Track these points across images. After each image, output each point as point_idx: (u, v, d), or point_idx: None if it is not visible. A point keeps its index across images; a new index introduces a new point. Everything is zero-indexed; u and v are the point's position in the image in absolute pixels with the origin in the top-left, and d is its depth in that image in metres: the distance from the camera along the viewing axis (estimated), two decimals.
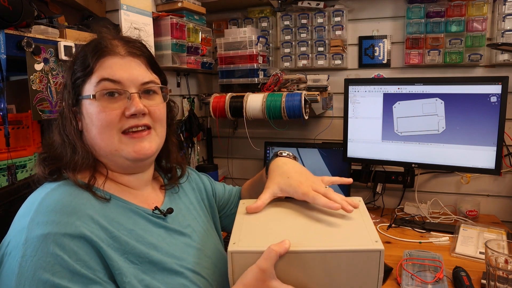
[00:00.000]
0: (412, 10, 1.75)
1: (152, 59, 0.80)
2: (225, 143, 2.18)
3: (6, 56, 0.97)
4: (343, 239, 0.72)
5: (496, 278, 0.98)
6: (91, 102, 0.72)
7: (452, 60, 1.72)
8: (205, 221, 0.94)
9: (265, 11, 1.99)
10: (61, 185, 0.69)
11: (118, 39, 0.77)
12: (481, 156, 1.50)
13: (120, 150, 0.72)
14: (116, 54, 0.74)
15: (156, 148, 0.77)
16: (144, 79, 0.75)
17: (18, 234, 0.62)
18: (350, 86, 1.72)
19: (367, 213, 0.81)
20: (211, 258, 0.85)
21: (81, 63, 0.73)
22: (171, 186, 0.90)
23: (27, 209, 0.65)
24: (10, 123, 1.10)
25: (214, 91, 2.14)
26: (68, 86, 0.75)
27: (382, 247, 0.69)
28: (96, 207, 0.68)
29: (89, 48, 0.74)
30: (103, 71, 0.72)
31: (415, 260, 1.21)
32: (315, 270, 0.70)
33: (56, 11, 1.35)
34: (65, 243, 0.60)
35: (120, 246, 0.67)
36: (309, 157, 1.88)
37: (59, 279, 0.58)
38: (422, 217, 1.67)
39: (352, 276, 0.70)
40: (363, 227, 0.76)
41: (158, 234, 0.76)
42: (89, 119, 0.72)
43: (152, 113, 0.76)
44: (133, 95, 0.73)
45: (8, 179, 1.11)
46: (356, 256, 0.69)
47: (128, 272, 0.66)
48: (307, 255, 0.69)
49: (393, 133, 1.65)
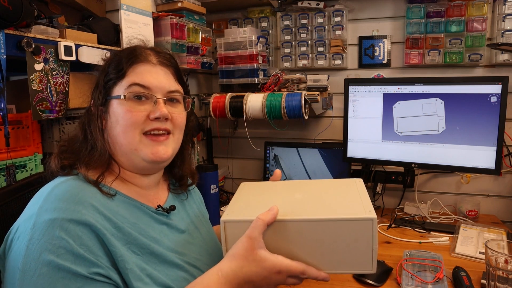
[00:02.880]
0: (412, 10, 1.75)
1: (178, 70, 0.87)
2: (225, 143, 2.18)
3: (6, 56, 0.97)
4: (335, 209, 0.72)
5: (496, 278, 0.98)
6: (120, 102, 0.76)
7: (452, 60, 1.72)
8: (207, 222, 0.98)
9: (265, 11, 1.99)
10: (71, 179, 0.72)
11: (151, 49, 0.84)
12: (481, 156, 1.50)
13: (139, 150, 0.76)
14: (148, 62, 0.80)
15: (171, 152, 0.81)
16: (170, 87, 0.81)
17: (27, 220, 0.66)
18: (350, 86, 1.72)
19: (365, 190, 0.81)
20: (212, 255, 0.88)
21: (115, 66, 0.79)
22: (180, 192, 0.94)
23: (37, 198, 0.69)
24: (10, 123, 1.10)
25: (214, 91, 2.14)
26: (100, 86, 0.80)
27: (375, 216, 0.68)
28: (101, 201, 0.71)
29: (124, 53, 0.80)
30: (134, 76, 0.78)
31: (415, 260, 1.21)
32: (306, 240, 0.69)
33: (56, 11, 1.35)
34: (70, 228, 0.63)
35: (123, 236, 0.70)
36: (309, 157, 1.88)
37: (62, 261, 0.62)
38: (422, 217, 1.67)
39: (344, 246, 0.69)
40: (357, 199, 0.76)
41: (160, 230, 0.79)
42: (115, 118, 0.77)
43: (174, 119, 0.81)
44: (159, 100, 0.78)
45: (6, 179, 1.11)
46: (348, 225, 0.68)
47: (130, 261, 0.68)
48: (297, 224, 0.69)
49: (393, 133, 1.65)
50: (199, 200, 1.02)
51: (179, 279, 0.75)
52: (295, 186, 0.86)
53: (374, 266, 0.71)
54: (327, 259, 0.71)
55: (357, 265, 0.71)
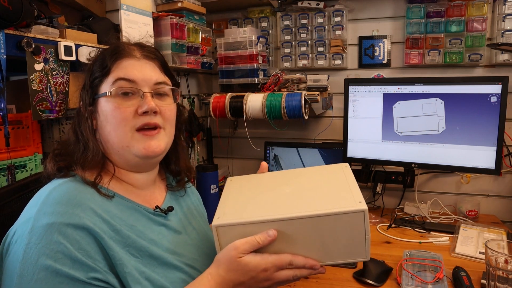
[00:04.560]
0: (412, 10, 1.75)
1: (164, 63, 0.85)
2: (225, 143, 2.18)
3: (6, 56, 0.97)
4: (326, 203, 0.71)
5: (496, 278, 0.98)
6: (107, 99, 0.76)
7: (452, 60, 1.72)
8: (205, 222, 0.98)
9: (265, 11, 1.99)
10: (68, 181, 0.72)
11: (135, 44, 0.83)
12: (481, 156, 1.50)
13: (131, 146, 0.76)
14: (132, 57, 0.79)
15: (164, 146, 0.80)
16: (157, 79, 0.79)
17: (25, 223, 0.65)
18: (350, 86, 1.72)
19: (353, 177, 0.80)
20: (209, 256, 0.87)
21: (100, 65, 0.78)
22: (178, 189, 0.93)
23: (35, 201, 0.68)
24: (10, 123, 1.10)
25: (214, 91, 2.14)
26: (86, 86, 0.79)
27: (366, 207, 0.69)
28: (99, 203, 0.71)
29: (107, 51, 0.80)
30: (119, 71, 0.77)
31: (415, 260, 1.21)
32: (299, 236, 0.70)
33: (56, 11, 1.35)
34: (68, 232, 0.63)
35: (121, 239, 0.70)
36: (309, 157, 1.88)
37: (60, 266, 0.61)
38: (422, 217, 1.67)
39: (338, 238, 0.70)
40: (347, 189, 0.75)
41: (158, 231, 0.79)
42: (104, 116, 0.76)
43: (163, 112, 0.79)
44: (146, 94, 0.77)
45: (8, 179, 1.11)
46: (340, 218, 0.68)
47: (129, 264, 0.68)
48: (289, 222, 0.69)
49: (393, 133, 1.65)
50: (197, 200, 1.01)
51: (177, 280, 0.75)
52: (283, 178, 0.85)
53: (368, 254, 0.72)
54: (321, 252, 0.71)
55: (352, 255, 0.72)
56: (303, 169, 0.90)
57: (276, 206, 0.72)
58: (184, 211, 0.91)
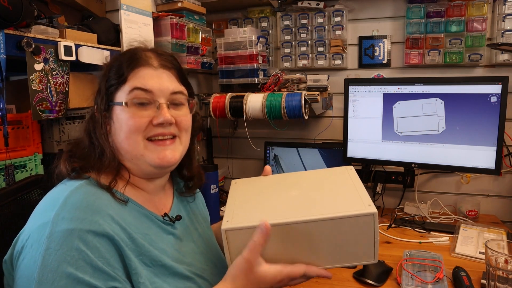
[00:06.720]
0: (412, 10, 1.75)
1: (181, 71, 0.84)
2: (225, 143, 2.18)
3: (6, 56, 0.97)
4: (335, 206, 0.71)
5: (496, 278, 0.98)
6: (122, 108, 0.75)
7: (452, 60, 1.71)
8: (209, 228, 0.98)
9: (265, 11, 1.99)
10: (84, 185, 0.71)
11: (152, 51, 0.81)
12: (481, 156, 1.50)
13: (145, 155, 0.75)
14: (149, 66, 0.78)
15: (179, 156, 0.80)
16: (174, 89, 0.79)
17: (41, 227, 0.63)
18: (350, 86, 1.72)
19: (358, 180, 0.80)
20: (215, 264, 0.87)
21: (116, 71, 0.77)
22: (189, 195, 0.93)
23: (50, 204, 0.67)
24: (10, 123, 1.10)
25: (214, 91, 2.14)
26: (102, 92, 0.78)
27: (375, 210, 0.68)
28: (116, 209, 0.70)
29: (124, 57, 0.79)
30: (136, 80, 0.76)
31: (415, 260, 1.21)
32: (308, 239, 0.69)
33: (56, 11, 1.35)
34: (89, 239, 0.62)
35: (136, 247, 0.69)
36: (309, 157, 1.88)
37: (82, 274, 0.60)
38: (422, 217, 1.67)
39: (346, 241, 0.69)
40: (354, 192, 0.75)
41: (168, 240, 0.79)
42: (118, 124, 0.75)
43: (179, 123, 0.79)
44: (162, 105, 0.76)
45: (5, 179, 1.10)
46: (349, 222, 0.68)
47: (143, 274, 0.68)
48: (299, 225, 0.68)
49: (393, 133, 1.65)
50: (201, 204, 1.01)
51: None
52: (288, 181, 0.85)
53: (376, 256, 0.72)
54: (329, 255, 0.71)
55: (360, 257, 0.72)
56: (307, 172, 0.90)
57: (284, 209, 0.72)
58: (190, 217, 0.91)
